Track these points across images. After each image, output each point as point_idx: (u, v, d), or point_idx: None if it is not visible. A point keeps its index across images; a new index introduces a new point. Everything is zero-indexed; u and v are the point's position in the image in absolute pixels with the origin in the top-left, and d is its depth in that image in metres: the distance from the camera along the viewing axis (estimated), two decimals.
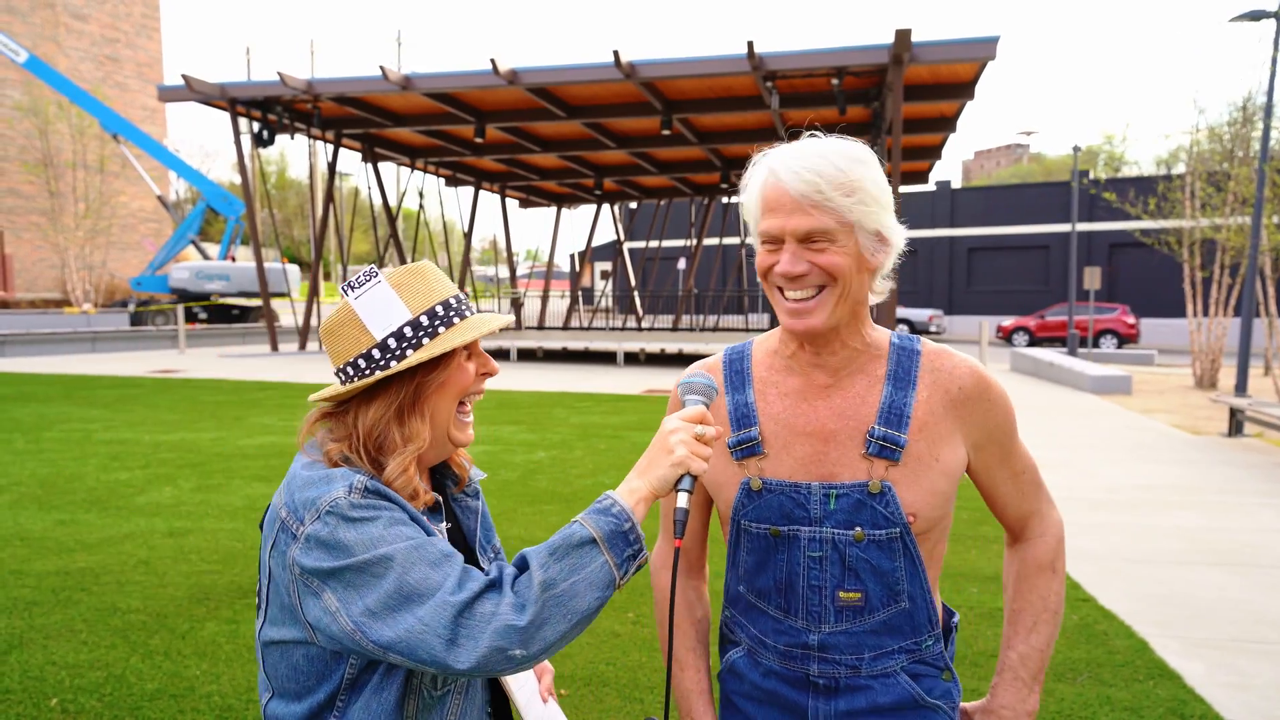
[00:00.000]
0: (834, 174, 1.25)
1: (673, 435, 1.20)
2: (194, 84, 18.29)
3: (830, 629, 1.36)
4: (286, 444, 8.89)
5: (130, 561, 5.04)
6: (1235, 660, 3.81)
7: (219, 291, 31.94)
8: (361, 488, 1.16)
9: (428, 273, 1.29)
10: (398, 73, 16.97)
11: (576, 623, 1.12)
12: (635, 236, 38.36)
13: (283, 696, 1.24)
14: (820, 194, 1.24)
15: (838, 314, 1.30)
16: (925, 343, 1.39)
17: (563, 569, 1.12)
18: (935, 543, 1.39)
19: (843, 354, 1.36)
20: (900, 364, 1.36)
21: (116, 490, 6.80)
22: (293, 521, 1.16)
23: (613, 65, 15.84)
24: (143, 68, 45.92)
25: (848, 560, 1.34)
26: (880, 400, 1.34)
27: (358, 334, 1.24)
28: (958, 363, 1.36)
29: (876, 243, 1.30)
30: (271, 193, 27.65)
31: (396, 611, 1.10)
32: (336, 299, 15.38)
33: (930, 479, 1.32)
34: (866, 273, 1.32)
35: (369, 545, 1.12)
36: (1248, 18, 11.36)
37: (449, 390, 1.28)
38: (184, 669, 3.63)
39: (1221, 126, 16.40)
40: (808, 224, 1.26)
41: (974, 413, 1.34)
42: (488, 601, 1.10)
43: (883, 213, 1.29)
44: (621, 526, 1.15)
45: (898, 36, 14.45)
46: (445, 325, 1.25)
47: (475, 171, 26.38)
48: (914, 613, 1.37)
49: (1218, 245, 15.88)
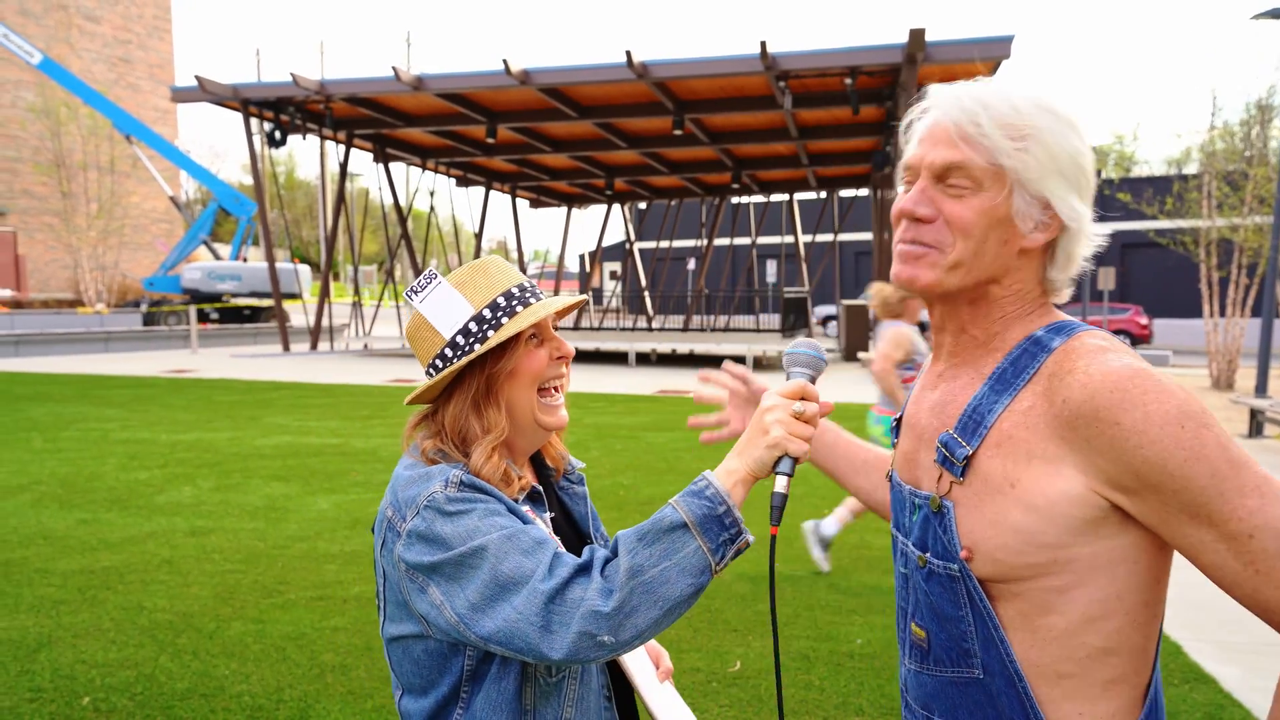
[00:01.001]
0: (1005, 111, 1.03)
1: (769, 414, 1.13)
2: (207, 85, 18.34)
3: (909, 664, 1.18)
4: (302, 444, 8.90)
5: (154, 561, 5.04)
6: (1271, 665, 3.77)
7: (231, 292, 32.03)
8: (457, 482, 1.18)
9: (489, 267, 1.31)
10: (410, 73, 16.98)
11: (668, 609, 1.09)
12: (645, 237, 38.34)
13: (411, 692, 1.27)
14: (976, 126, 1.03)
15: (954, 280, 1.07)
16: (1074, 339, 1.04)
17: (652, 554, 1.09)
18: (1047, 612, 1.01)
19: (959, 338, 1.13)
20: (1018, 361, 1.06)
21: (136, 489, 6.81)
22: (397, 519, 1.19)
23: (625, 65, 15.81)
24: (154, 69, 46.10)
25: (916, 588, 1.14)
26: (969, 400, 1.09)
27: (430, 336, 1.28)
28: (1081, 368, 0.99)
29: (1039, 213, 1.05)
30: (281, 193, 27.66)
31: (495, 602, 1.10)
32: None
33: (998, 508, 1.02)
34: (1014, 247, 1.06)
35: (465, 537, 1.13)
36: (1270, 16, 11.26)
37: (521, 377, 1.27)
38: (213, 668, 3.62)
39: (1235, 126, 16.31)
40: (947, 156, 1.04)
41: (1093, 439, 0.96)
42: (577, 587, 1.09)
43: (1059, 180, 1.03)
44: (715, 510, 1.10)
45: (911, 36, 14.39)
46: (508, 315, 1.26)
47: (486, 172, 26.39)
48: (995, 695, 1.05)
49: (1235, 245, 15.78)
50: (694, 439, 9.29)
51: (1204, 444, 0.92)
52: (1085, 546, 0.99)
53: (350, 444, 8.94)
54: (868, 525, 5.84)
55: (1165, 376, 0.97)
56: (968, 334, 1.12)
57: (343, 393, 13.57)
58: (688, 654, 3.80)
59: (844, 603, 4.43)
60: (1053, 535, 0.98)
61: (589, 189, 28.72)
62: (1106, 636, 1.01)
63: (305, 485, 7.01)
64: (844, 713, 3.30)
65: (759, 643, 3.93)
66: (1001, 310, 1.09)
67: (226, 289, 31.96)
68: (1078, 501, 0.98)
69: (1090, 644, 1.01)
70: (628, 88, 17.23)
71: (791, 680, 3.56)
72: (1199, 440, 0.92)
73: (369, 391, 13.80)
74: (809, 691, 3.46)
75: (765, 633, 4.04)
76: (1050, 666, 1.02)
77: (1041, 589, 1.01)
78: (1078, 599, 1.00)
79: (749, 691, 3.47)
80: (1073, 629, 1.01)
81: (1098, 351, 1.00)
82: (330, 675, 3.58)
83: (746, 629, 4.08)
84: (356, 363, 19.38)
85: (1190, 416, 0.93)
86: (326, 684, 3.51)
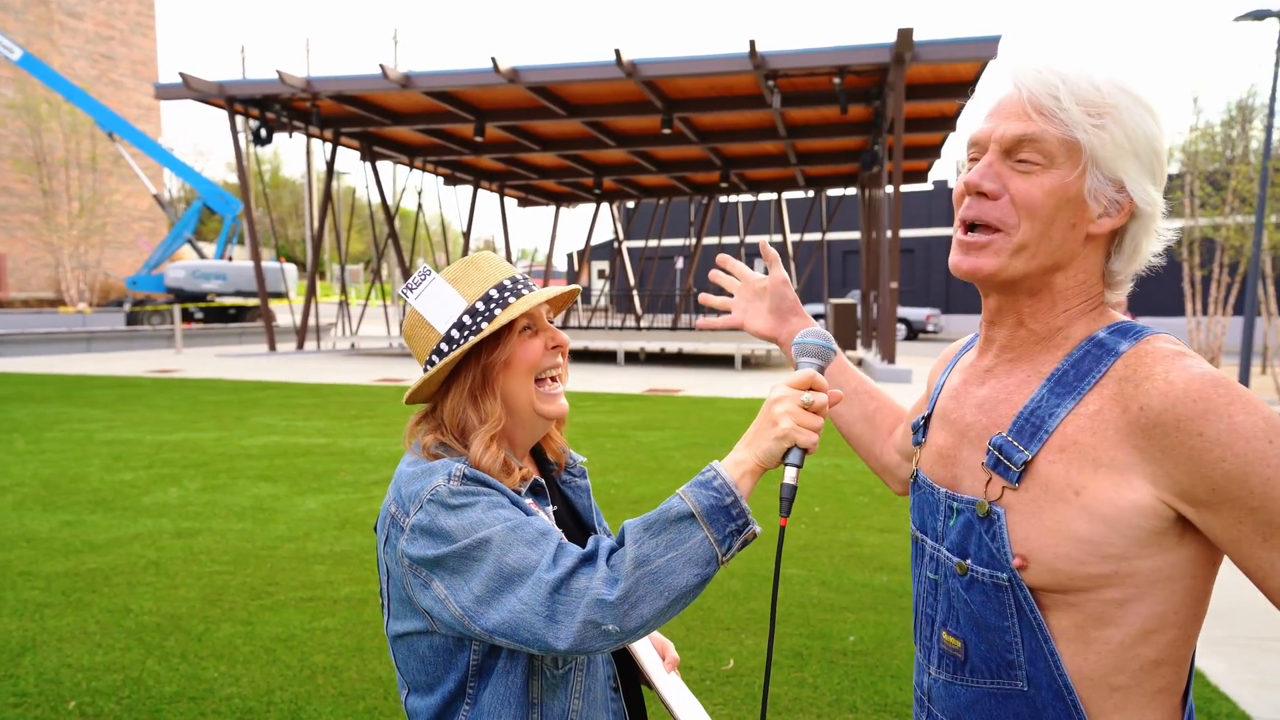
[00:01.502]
0: (1084, 86, 0.98)
1: (777, 405, 1.12)
2: (192, 82, 18.19)
3: (935, 673, 1.14)
4: (289, 444, 8.84)
5: (140, 563, 4.99)
6: (1257, 659, 3.79)
7: (216, 291, 31.79)
8: (460, 475, 1.19)
9: (481, 261, 1.33)
10: (397, 71, 16.90)
11: (674, 600, 1.08)
12: (634, 236, 38.32)
13: (417, 690, 1.27)
14: (1054, 99, 0.98)
15: (1019, 265, 1.02)
16: (1146, 342, 0.99)
17: (658, 545, 1.09)
18: (1104, 624, 0.98)
19: (1015, 332, 1.07)
20: (1080, 364, 1.01)
21: (121, 491, 6.74)
22: (400, 515, 1.20)
23: (614, 64, 15.79)
24: (137, 65, 45.71)
25: (952, 595, 1.09)
26: (1026, 400, 1.03)
27: (426, 332, 1.30)
28: (1160, 373, 0.94)
29: (1112, 194, 1.00)
30: (267, 192, 27.47)
31: (500, 594, 1.11)
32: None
33: (1060, 516, 0.97)
34: (1082, 232, 1.01)
35: (469, 530, 1.14)
36: (1252, 17, 11.37)
37: (516, 367, 1.28)
38: (201, 671, 3.59)
39: (1216, 127, 16.46)
40: (1020, 129, 0.99)
41: (1170, 449, 0.92)
42: (582, 576, 1.09)
43: (1135, 163, 0.99)
44: (723, 501, 1.09)
45: (900, 36, 14.43)
46: (501, 306, 1.27)
47: (474, 170, 26.30)
48: (1040, 707, 1.02)
49: (1217, 244, 15.92)
50: (684, 438, 9.29)
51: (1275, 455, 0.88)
52: (1148, 559, 0.96)
53: (338, 444, 8.89)
54: (858, 523, 5.85)
55: (1244, 387, 0.93)
56: (1026, 328, 1.06)
57: (330, 392, 13.50)
58: (681, 652, 3.78)
59: (836, 600, 4.43)
60: (1119, 546, 0.95)
61: (577, 188, 28.67)
62: (1160, 649, 0.99)
63: (293, 485, 6.97)
64: (837, 710, 3.30)
65: (752, 641, 3.93)
66: (1066, 303, 1.04)
67: (211, 288, 31.73)
68: (1147, 512, 0.94)
69: (1144, 656, 0.99)
70: (616, 86, 17.21)
71: (784, 678, 3.55)
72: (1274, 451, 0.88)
73: (357, 391, 13.73)
74: (802, 689, 3.45)
75: (758, 630, 4.04)
76: (1104, 679, 1.00)
77: (1100, 601, 0.97)
78: (1137, 612, 0.97)
79: (743, 690, 3.47)
80: (1129, 642, 0.98)
81: (1175, 356, 0.96)
82: (321, 677, 3.56)
83: (740, 627, 4.08)
84: (344, 362, 19.28)
85: (1278, 432, 0.89)
86: (317, 685, 3.48)
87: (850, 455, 8.05)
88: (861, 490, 6.80)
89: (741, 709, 3.32)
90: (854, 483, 7.05)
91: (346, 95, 18.14)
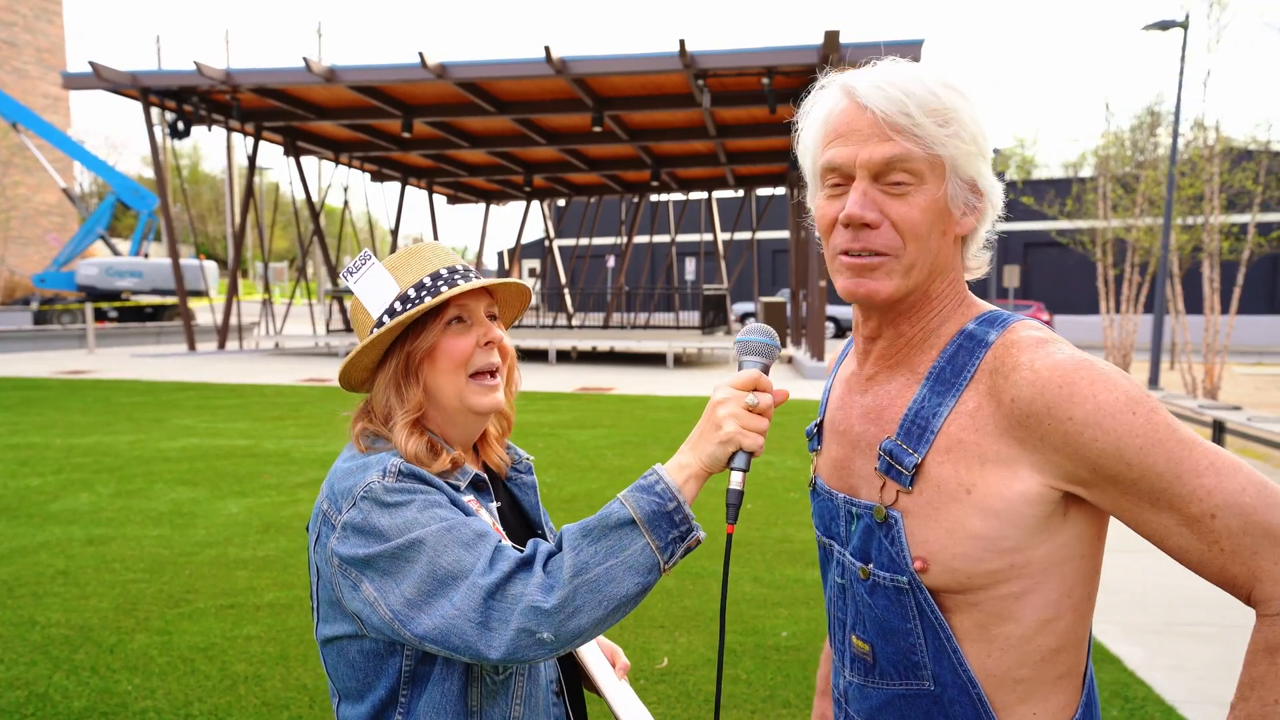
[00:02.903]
0: (925, 96, 0.98)
1: (720, 408, 1.07)
2: (103, 72, 17.43)
3: (849, 675, 1.13)
4: (210, 446, 8.54)
5: (48, 572, 4.75)
6: (1171, 644, 3.94)
7: (131, 289, 30.57)
8: (396, 471, 1.15)
9: (424, 250, 1.30)
10: (322, 64, 16.48)
11: (614, 609, 1.05)
12: (565, 234, 38.15)
13: (348, 698, 1.22)
14: (908, 116, 0.97)
15: (912, 283, 1.02)
16: (1010, 331, 1.00)
17: (597, 551, 1.05)
18: (1004, 620, 0.99)
19: (894, 341, 1.07)
20: (954, 359, 1.01)
21: (27, 497, 6.42)
22: (332, 512, 1.16)
23: (544, 61, 15.67)
24: (43, 53, 43.64)
25: (858, 600, 1.09)
26: (908, 404, 1.04)
27: (363, 317, 1.27)
28: (1025, 363, 0.95)
29: (970, 196, 1.01)
30: (185, 187, 26.44)
31: (432, 598, 1.06)
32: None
33: (955, 516, 0.97)
34: (951, 236, 1.02)
35: (402, 530, 1.09)
36: (1158, 27, 11.86)
37: (441, 359, 1.23)
38: (114, 684, 3.43)
39: (1125, 132, 17.14)
40: (886, 151, 0.97)
41: (1048, 435, 0.93)
42: (518, 582, 1.05)
43: (980, 159, 1.00)
44: (665, 506, 1.06)
45: (827, 38, 14.66)
46: (432, 294, 1.23)
47: (402, 167, 25.83)
48: (947, 705, 1.02)
49: (1128, 245, 16.57)
50: (616, 436, 9.27)
51: (1156, 428, 0.91)
52: (1041, 547, 0.97)
53: (262, 445, 8.63)
54: (790, 519, 5.92)
55: (1106, 364, 0.96)
56: (904, 335, 1.07)
57: (253, 393, 13.10)
58: None
59: (768, 596, 4.47)
60: (1013, 539, 0.96)
61: (508, 185, 28.41)
62: (1058, 636, 1.00)
63: (214, 489, 6.73)
64: (771, 705, 3.32)
65: (685, 639, 3.93)
66: (941, 304, 1.05)
67: (126, 286, 30.50)
68: (1035, 500, 0.95)
69: (1044, 646, 1.00)
70: (546, 84, 17.10)
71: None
72: (1151, 425, 0.91)
73: (281, 391, 13.35)
74: (736, 685, 3.47)
75: (691, 629, 4.04)
76: (1007, 673, 1.01)
77: (999, 597, 0.98)
78: (1034, 603, 0.99)
79: (676, 688, 3.46)
80: (1029, 634, 1.00)
81: (1038, 344, 0.97)
82: (243, 686, 3.43)
83: (673, 625, 4.08)
84: (267, 362, 18.74)
85: (1139, 402, 0.92)
86: (239, 695, 3.35)
87: (781, 452, 8.14)
88: (792, 486, 6.87)
89: (676, 707, 3.32)
90: (784, 479, 7.13)
91: (269, 88, 17.63)
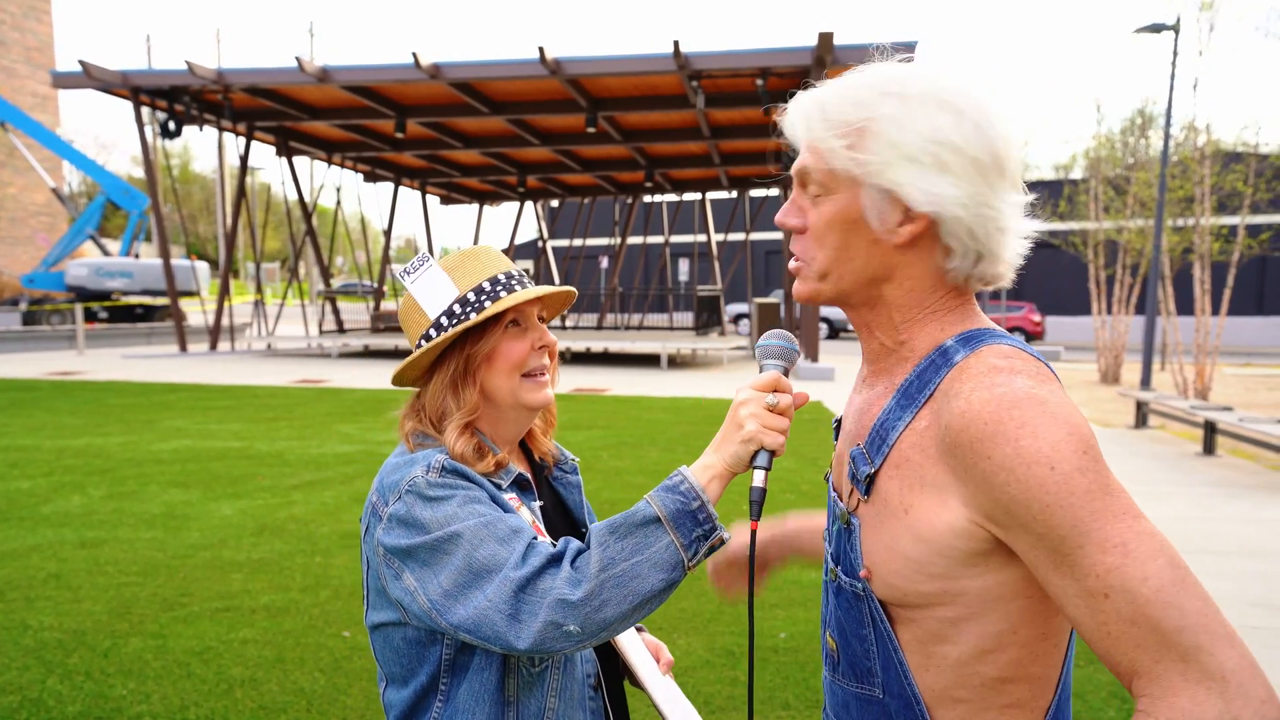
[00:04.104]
0: (843, 107, 0.98)
1: (742, 408, 1.12)
2: (93, 71, 17.33)
3: (825, 671, 1.16)
4: (203, 448, 8.50)
5: (39, 575, 4.71)
6: None
7: (121, 289, 30.41)
8: (439, 467, 1.20)
9: (480, 253, 1.34)
10: (314, 64, 16.42)
11: (639, 604, 1.09)
12: (558, 235, 38.12)
13: (393, 683, 1.28)
14: (810, 130, 1.00)
15: (828, 289, 1.03)
16: (975, 355, 0.96)
17: (623, 548, 1.09)
18: (941, 641, 0.98)
19: (871, 344, 1.09)
20: (924, 374, 1.00)
21: (17, 500, 6.37)
22: (380, 504, 1.21)
23: (538, 61, 15.65)
24: (32, 52, 43.38)
25: (831, 599, 1.11)
26: (879, 414, 1.04)
27: (419, 316, 1.31)
28: (965, 392, 0.91)
29: (895, 208, 0.97)
30: (176, 187, 26.31)
31: (467, 589, 1.11)
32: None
33: (893, 533, 0.98)
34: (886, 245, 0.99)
35: (442, 523, 1.15)
36: (1149, 30, 11.91)
37: (499, 362, 1.29)
38: (108, 689, 3.40)
39: (1116, 134, 17.22)
40: (800, 162, 1.03)
41: (970, 470, 0.90)
42: (547, 576, 1.09)
43: (909, 168, 0.94)
44: (689, 505, 1.10)
45: (821, 39, 14.68)
46: (491, 299, 1.28)
47: (395, 167, 25.76)
48: (894, 714, 1.02)
49: (1119, 246, 16.65)
50: (608, 437, 9.26)
51: (1071, 491, 0.84)
52: (974, 580, 0.94)
53: (255, 447, 8.58)
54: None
55: (1059, 406, 0.88)
56: (876, 339, 1.06)
57: (246, 394, 13.04)
58: None
59: (767, 597, 4.46)
60: (941, 566, 0.94)
61: (501, 186, 28.36)
62: (1001, 668, 0.97)
63: (207, 491, 6.69)
64: (770, 707, 3.31)
65: (684, 640, 3.92)
66: (902, 313, 1.02)
67: (117, 286, 30.33)
68: (962, 534, 0.92)
69: (984, 674, 0.97)
70: (540, 84, 17.07)
71: (718, 676, 3.55)
72: (1067, 487, 0.84)
73: (274, 393, 13.30)
74: (736, 688, 3.46)
75: (690, 630, 4.04)
76: (945, 692, 0.98)
77: (935, 618, 0.97)
78: (970, 631, 0.95)
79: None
80: (965, 659, 0.97)
81: (989, 373, 0.92)
82: (239, 690, 3.41)
83: (671, 627, 4.07)
84: (260, 363, 18.66)
85: (1064, 459, 0.85)
86: (235, 699, 3.33)
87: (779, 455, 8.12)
88: (788, 488, 6.87)
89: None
90: (781, 480, 7.13)
91: (261, 88, 17.55)
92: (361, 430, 9.71)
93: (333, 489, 6.79)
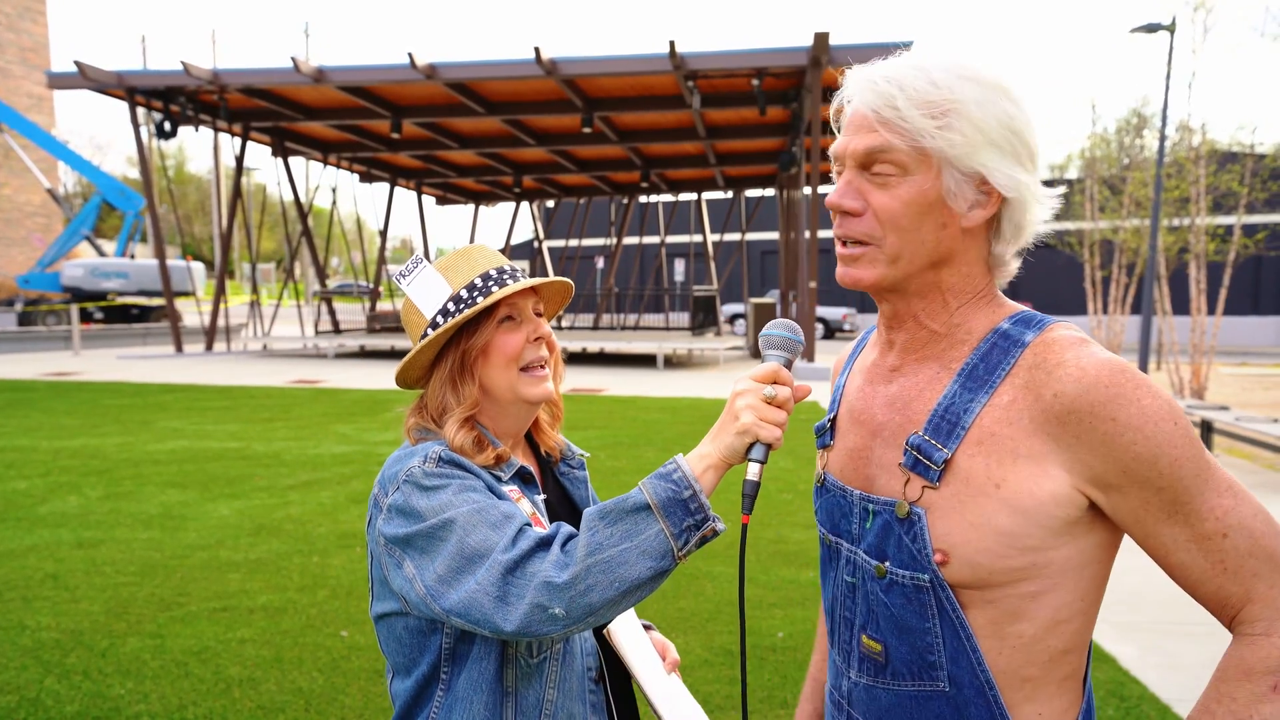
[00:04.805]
0: (923, 87, 0.97)
1: (739, 399, 1.09)
2: (88, 71, 17.29)
3: (855, 676, 1.12)
4: (199, 448, 8.48)
5: (36, 576, 4.70)
6: (1164, 643, 3.96)
7: (117, 290, 30.36)
8: (436, 457, 1.22)
9: (473, 251, 1.36)
10: (310, 64, 16.40)
11: (625, 590, 1.07)
12: (554, 235, 38.12)
13: (399, 673, 1.30)
14: (893, 109, 0.97)
15: (899, 272, 1.02)
16: (1050, 331, 1.00)
17: (612, 534, 1.08)
18: (1018, 619, 0.99)
19: (916, 333, 1.07)
20: (988, 357, 1.00)
21: (14, 501, 6.36)
22: (381, 496, 1.24)
23: (533, 62, 15.65)
24: (27, 53, 43.27)
25: (871, 599, 1.08)
26: (938, 399, 1.02)
27: (417, 318, 1.33)
28: (1070, 360, 0.95)
29: (975, 188, 0.99)
30: (172, 187, 26.25)
31: (460, 574, 1.12)
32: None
33: (980, 510, 0.97)
34: (955, 229, 1.00)
35: (438, 511, 1.16)
36: (1145, 30, 11.95)
37: (495, 355, 1.30)
38: (106, 689, 3.39)
39: (1111, 134, 17.27)
40: (868, 142, 0.99)
41: (1084, 435, 0.93)
42: (535, 559, 1.10)
43: (992, 152, 0.97)
44: (681, 494, 1.08)
45: (816, 39, 14.69)
46: (483, 294, 1.30)
47: (390, 168, 25.74)
48: (962, 706, 1.01)
49: (1115, 246, 16.69)
50: (605, 437, 9.26)
51: (1192, 442, 0.92)
52: (1062, 549, 0.97)
53: (251, 447, 8.58)
54: (784, 520, 5.92)
55: (1143, 373, 0.96)
56: (925, 327, 1.06)
57: (242, 394, 13.02)
58: None
59: (764, 596, 4.47)
60: (1036, 537, 0.96)
61: (497, 186, 28.35)
62: (1066, 639, 1.01)
63: (204, 491, 6.68)
64: (769, 706, 3.32)
65: (682, 639, 3.92)
66: (957, 297, 1.04)
67: (112, 287, 30.29)
68: (1063, 501, 0.95)
69: (1053, 646, 1.00)
70: (536, 84, 17.07)
71: (715, 676, 3.56)
72: (1188, 438, 0.92)
73: (270, 393, 13.28)
74: (733, 687, 3.46)
75: (687, 629, 4.04)
76: (1016, 672, 1.01)
77: (1016, 595, 0.98)
78: (1047, 604, 0.99)
79: None
80: (1039, 634, 1.00)
81: (1081, 344, 0.97)
82: (237, 690, 3.41)
83: (669, 626, 4.07)
84: (256, 364, 18.64)
85: (1179, 414, 0.93)
86: (233, 699, 3.33)
87: (776, 453, 8.13)
88: (785, 487, 6.88)
89: None
90: (778, 479, 7.14)
91: (256, 88, 17.53)
92: (358, 430, 9.70)
93: (329, 489, 6.78)
